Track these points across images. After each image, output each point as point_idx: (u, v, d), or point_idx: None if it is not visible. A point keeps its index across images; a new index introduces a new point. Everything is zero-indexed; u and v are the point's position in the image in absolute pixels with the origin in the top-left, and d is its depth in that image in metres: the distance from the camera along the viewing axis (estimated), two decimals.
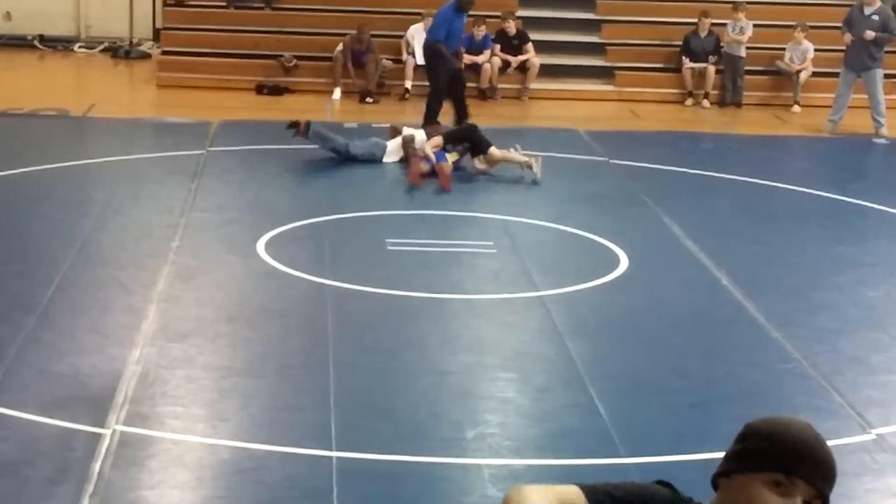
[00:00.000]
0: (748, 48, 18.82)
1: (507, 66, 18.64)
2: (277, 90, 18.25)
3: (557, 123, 16.77)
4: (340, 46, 18.28)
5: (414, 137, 13.66)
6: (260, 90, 18.26)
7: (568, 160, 14.45)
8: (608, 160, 14.54)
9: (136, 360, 7.80)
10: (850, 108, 16.93)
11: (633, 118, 17.82)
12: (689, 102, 18.87)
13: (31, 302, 8.78)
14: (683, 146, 15.94)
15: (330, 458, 6.63)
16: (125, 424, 6.89)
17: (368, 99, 17.92)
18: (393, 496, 6.34)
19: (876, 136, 16.72)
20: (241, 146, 14.28)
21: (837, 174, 15.16)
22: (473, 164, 13.56)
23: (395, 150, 13.82)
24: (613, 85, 19.18)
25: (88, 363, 7.76)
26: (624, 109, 18.32)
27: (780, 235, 11.67)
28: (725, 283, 9.96)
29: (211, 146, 14.27)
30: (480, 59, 18.34)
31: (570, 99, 18.64)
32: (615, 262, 10.43)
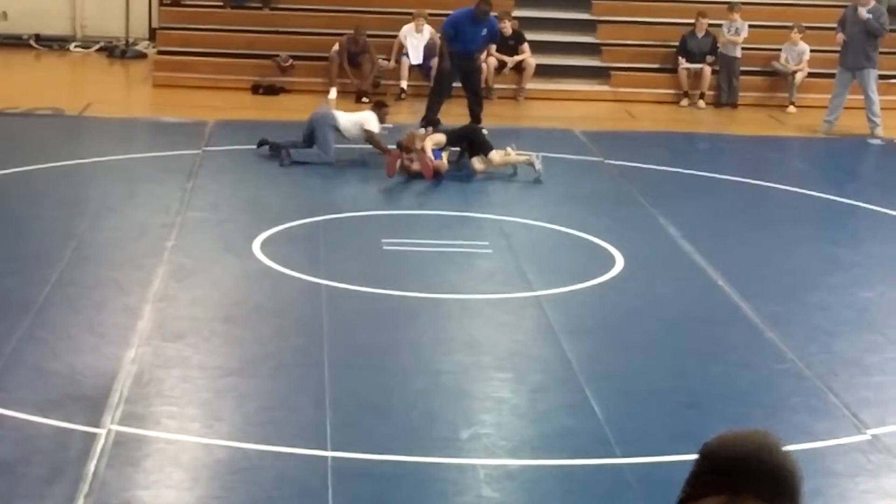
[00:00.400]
0: (744, 49, 18.84)
1: (503, 66, 18.62)
2: (273, 90, 18.24)
3: (553, 124, 16.77)
4: (336, 46, 18.28)
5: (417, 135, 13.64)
6: (256, 90, 18.25)
7: (563, 160, 14.45)
8: (604, 160, 14.55)
9: (131, 359, 7.80)
10: (845, 108, 16.94)
11: (628, 118, 17.82)
12: (684, 103, 18.87)
13: (26, 301, 8.77)
14: (679, 147, 15.95)
15: (325, 457, 6.63)
16: (120, 424, 6.89)
17: (364, 99, 17.90)
18: (388, 496, 6.35)
19: (871, 136, 16.73)
20: (236, 146, 14.27)
21: (833, 175, 15.17)
22: (472, 163, 13.55)
23: (351, 127, 13.75)
24: (609, 85, 19.19)
25: (83, 362, 7.76)
26: (620, 110, 18.33)
27: (775, 236, 11.68)
28: (721, 283, 9.97)
29: (207, 146, 14.27)
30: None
31: (565, 99, 18.64)
32: (611, 262, 10.44)
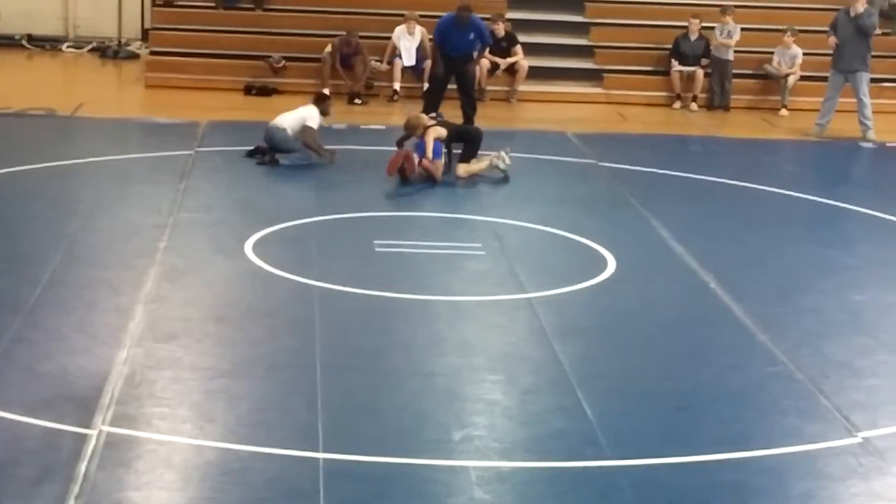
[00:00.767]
0: (736, 52, 18.87)
1: (495, 68, 18.63)
2: (266, 91, 18.25)
3: (546, 126, 16.79)
4: (329, 48, 18.29)
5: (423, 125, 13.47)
6: (248, 91, 18.26)
7: (556, 162, 14.46)
8: (596, 162, 14.56)
9: (122, 360, 7.79)
10: (837, 111, 16.98)
11: (621, 121, 17.84)
12: (677, 105, 18.90)
13: (17, 301, 8.76)
14: (671, 149, 15.96)
15: (317, 459, 6.63)
16: (111, 425, 6.88)
17: (357, 100, 17.92)
18: (380, 498, 6.34)
19: (863, 139, 16.76)
20: (229, 147, 14.26)
21: (824, 178, 15.20)
22: (457, 169, 13.44)
23: (296, 125, 13.61)
24: (602, 87, 19.21)
25: (75, 363, 7.75)
26: (612, 112, 18.34)
27: (766, 239, 11.69)
28: (713, 285, 9.98)
29: (199, 147, 14.26)
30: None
31: (558, 101, 18.66)
32: (603, 264, 10.45)
